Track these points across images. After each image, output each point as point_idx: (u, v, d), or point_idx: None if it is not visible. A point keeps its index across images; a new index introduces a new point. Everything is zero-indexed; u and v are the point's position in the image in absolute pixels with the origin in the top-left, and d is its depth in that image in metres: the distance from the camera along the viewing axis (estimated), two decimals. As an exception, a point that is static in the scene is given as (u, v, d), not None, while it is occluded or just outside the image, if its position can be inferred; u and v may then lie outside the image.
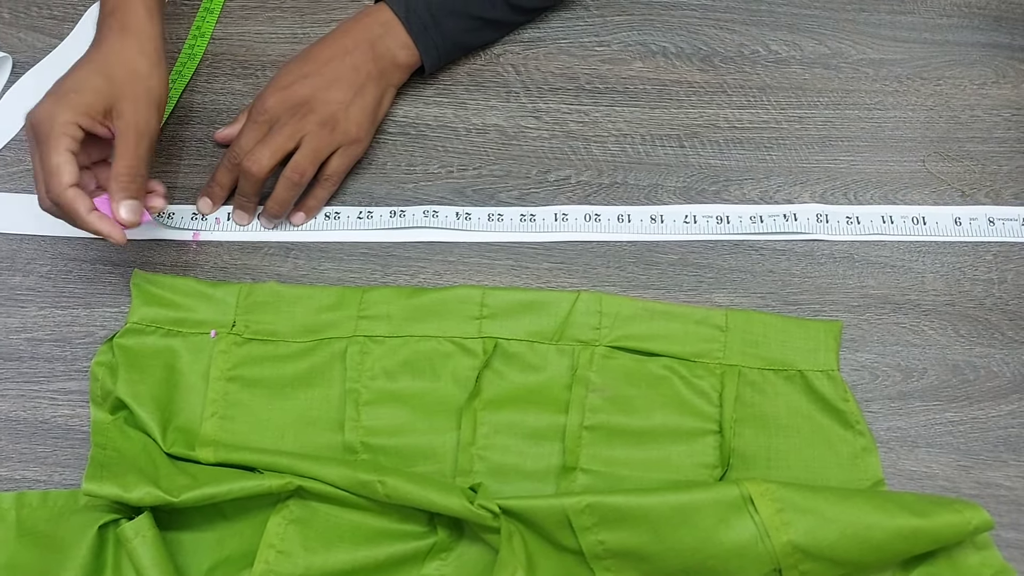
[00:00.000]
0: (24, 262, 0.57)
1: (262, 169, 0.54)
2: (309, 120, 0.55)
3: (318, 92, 0.55)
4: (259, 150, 0.54)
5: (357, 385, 0.52)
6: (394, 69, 0.58)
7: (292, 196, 0.56)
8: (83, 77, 0.49)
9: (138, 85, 0.50)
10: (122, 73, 0.49)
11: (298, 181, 0.55)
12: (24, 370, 0.54)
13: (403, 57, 0.58)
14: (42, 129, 0.47)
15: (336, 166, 0.56)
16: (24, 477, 0.51)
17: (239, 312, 0.53)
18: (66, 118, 0.47)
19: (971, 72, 0.64)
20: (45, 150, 0.47)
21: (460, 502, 0.45)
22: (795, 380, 0.52)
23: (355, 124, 0.56)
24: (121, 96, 0.49)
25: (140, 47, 0.51)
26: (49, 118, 0.47)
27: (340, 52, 0.56)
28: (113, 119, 0.49)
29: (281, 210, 0.56)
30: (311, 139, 0.55)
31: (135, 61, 0.50)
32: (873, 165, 0.60)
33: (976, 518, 0.45)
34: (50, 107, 0.47)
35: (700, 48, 0.64)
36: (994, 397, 0.53)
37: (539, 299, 0.54)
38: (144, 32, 0.51)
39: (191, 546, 0.48)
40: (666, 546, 0.45)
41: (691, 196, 0.59)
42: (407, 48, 0.58)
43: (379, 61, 0.57)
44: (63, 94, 0.48)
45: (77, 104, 0.47)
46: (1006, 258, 0.57)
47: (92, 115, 0.48)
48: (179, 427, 0.51)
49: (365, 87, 0.56)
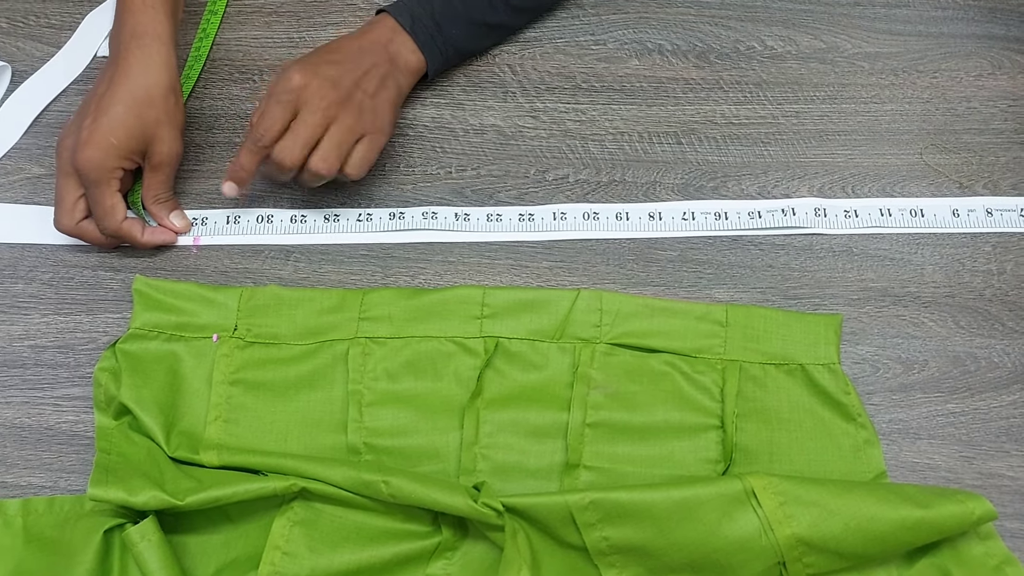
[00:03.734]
0: (26, 270, 0.57)
1: (295, 163, 0.53)
2: (337, 103, 0.53)
3: (347, 75, 0.54)
4: (290, 140, 0.52)
5: (359, 387, 0.52)
6: (406, 73, 0.58)
7: (314, 185, 0.55)
8: (119, 119, 0.53)
9: (166, 118, 0.54)
10: (151, 113, 0.53)
11: (325, 174, 0.53)
12: (28, 377, 0.54)
13: (414, 62, 0.58)
14: (93, 176, 0.53)
15: (360, 155, 0.54)
16: (30, 483, 0.51)
17: (241, 316, 0.54)
18: (113, 164, 0.53)
19: (967, 64, 0.64)
20: (98, 194, 0.53)
21: (464, 501, 0.46)
22: (796, 374, 0.52)
23: (381, 113, 0.55)
24: (154, 136, 0.54)
25: (163, 77, 0.54)
26: (99, 166, 0.53)
27: (361, 48, 0.56)
28: (148, 159, 0.55)
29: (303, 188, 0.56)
30: (338, 127, 0.53)
31: (160, 93, 0.54)
32: (870, 158, 0.60)
33: (979, 508, 0.45)
34: (98, 155, 0.52)
35: (696, 45, 0.65)
36: (995, 388, 0.53)
37: (539, 298, 0.54)
38: (166, 61, 0.54)
39: (197, 549, 0.48)
40: (670, 541, 0.45)
41: (689, 192, 0.59)
42: (416, 53, 0.58)
43: (393, 62, 0.57)
44: (105, 142, 0.52)
45: (120, 151, 0.53)
46: (1005, 249, 0.57)
47: (133, 159, 0.54)
48: (183, 431, 0.51)
49: (387, 80, 0.56)
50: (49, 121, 0.62)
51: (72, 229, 0.55)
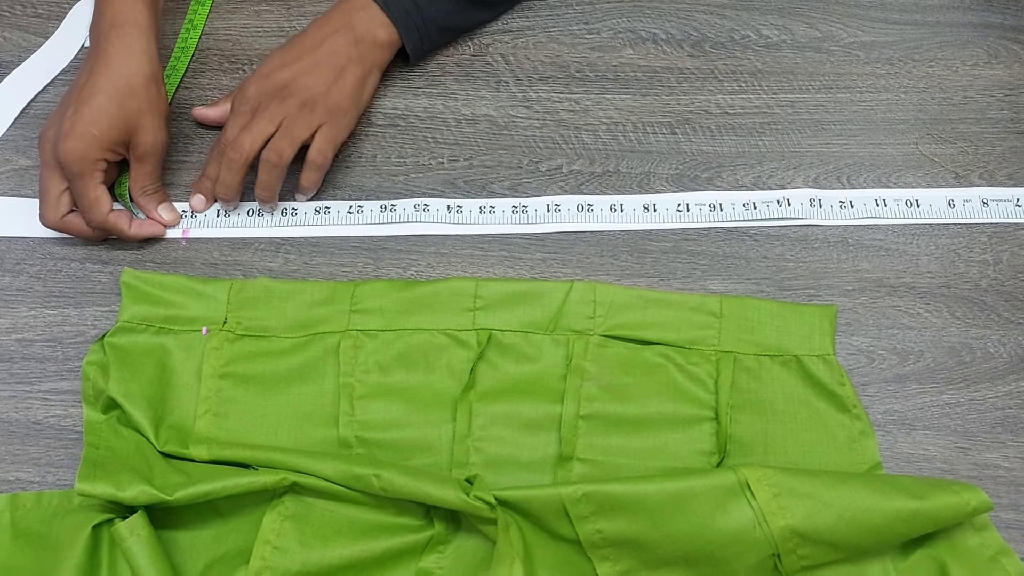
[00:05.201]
0: (13, 262, 0.56)
1: (242, 155, 0.54)
2: (288, 103, 0.55)
3: (298, 77, 0.55)
4: (241, 137, 0.54)
5: (351, 379, 0.51)
6: (375, 49, 0.58)
7: (274, 178, 0.55)
8: (100, 110, 0.52)
9: (148, 107, 0.53)
10: (133, 102, 0.53)
11: (277, 162, 0.54)
12: (15, 371, 0.53)
13: (383, 35, 0.58)
14: (75, 168, 0.52)
15: (317, 147, 0.56)
16: (18, 479, 0.51)
17: (230, 308, 0.53)
18: (95, 156, 0.52)
19: (963, 53, 0.63)
20: (81, 186, 0.53)
21: (456, 494, 0.45)
22: (791, 365, 0.52)
23: (336, 105, 0.56)
24: (137, 126, 0.53)
25: (144, 66, 0.53)
26: (81, 158, 0.52)
27: (320, 38, 0.57)
28: (132, 149, 0.54)
29: (268, 194, 0.56)
30: (290, 121, 0.55)
31: (142, 82, 0.53)
32: (866, 148, 0.60)
33: (974, 499, 0.45)
34: (80, 147, 0.51)
35: (690, 34, 0.64)
36: (991, 378, 0.53)
37: (533, 289, 0.53)
38: (146, 50, 0.53)
39: (187, 544, 0.48)
40: (664, 533, 0.44)
41: (684, 183, 0.59)
42: (385, 26, 0.58)
43: (360, 44, 0.57)
44: (86, 132, 0.52)
45: (102, 142, 0.52)
46: (1000, 239, 0.57)
47: (115, 150, 0.53)
48: (172, 425, 0.50)
49: (346, 69, 0.56)
50: (36, 112, 0.62)
51: (57, 223, 0.54)
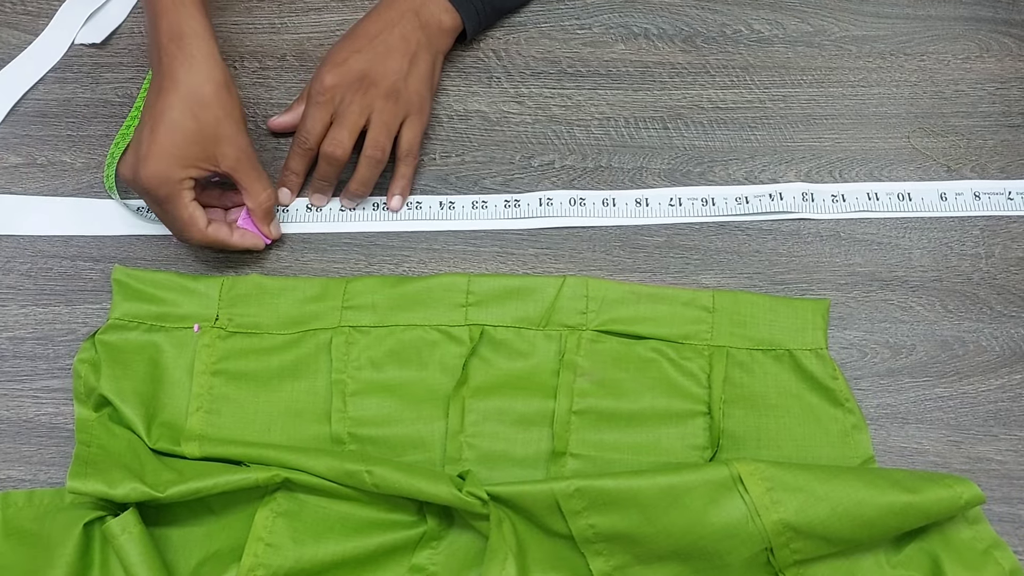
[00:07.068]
0: (3, 260, 0.56)
1: (346, 151, 0.54)
2: (372, 94, 0.54)
3: (375, 65, 0.55)
4: (337, 132, 0.54)
5: (343, 376, 0.51)
6: (441, 35, 0.58)
7: (375, 174, 0.56)
8: (175, 126, 0.49)
9: (224, 114, 0.51)
10: (208, 113, 0.50)
11: (380, 158, 0.55)
12: (7, 369, 0.53)
13: (448, 21, 0.58)
14: (161, 192, 0.50)
15: (409, 139, 0.56)
16: (9, 477, 0.50)
17: (222, 305, 0.53)
18: (180, 176, 0.50)
19: (954, 47, 0.63)
20: (173, 207, 0.51)
21: (448, 490, 0.45)
22: (783, 359, 0.52)
23: (416, 93, 0.56)
24: (216, 138, 0.51)
25: (212, 72, 0.50)
26: (166, 181, 0.50)
27: (387, 24, 0.56)
28: (218, 162, 0.51)
29: (366, 190, 0.56)
30: (380, 113, 0.54)
31: (212, 90, 0.50)
32: (858, 142, 0.60)
33: (967, 493, 0.45)
34: (161, 168, 0.49)
35: (682, 29, 0.64)
36: (983, 372, 0.53)
37: (525, 285, 0.53)
38: (210, 55, 0.50)
39: (179, 541, 0.48)
40: (657, 528, 0.44)
41: (676, 178, 0.59)
42: (449, 12, 0.58)
43: (426, 29, 0.57)
44: (165, 152, 0.49)
45: (184, 160, 0.50)
46: (993, 232, 0.57)
47: (200, 167, 0.51)
48: (164, 422, 0.50)
49: (418, 55, 0.56)
50: (27, 110, 0.61)
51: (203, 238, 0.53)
